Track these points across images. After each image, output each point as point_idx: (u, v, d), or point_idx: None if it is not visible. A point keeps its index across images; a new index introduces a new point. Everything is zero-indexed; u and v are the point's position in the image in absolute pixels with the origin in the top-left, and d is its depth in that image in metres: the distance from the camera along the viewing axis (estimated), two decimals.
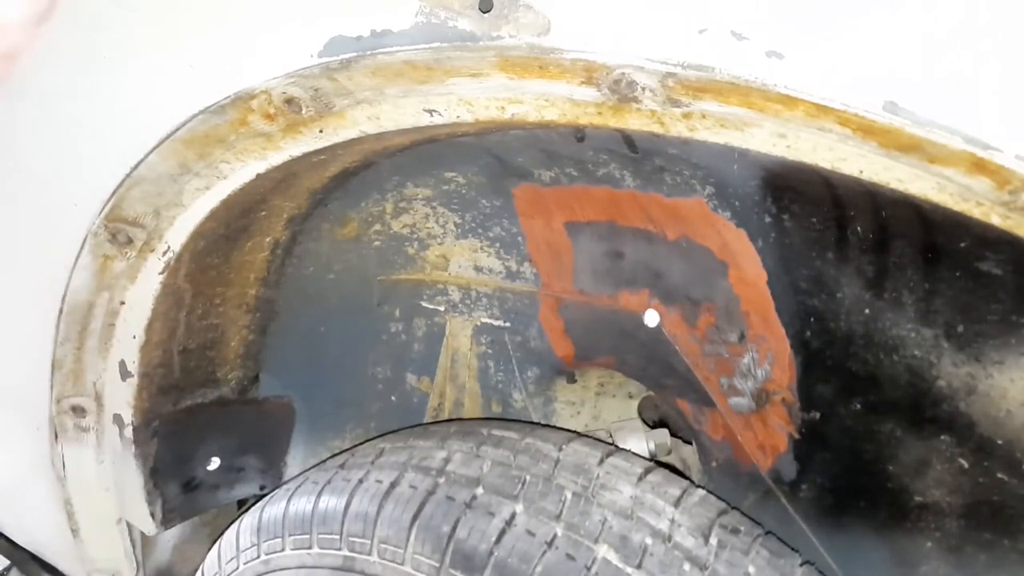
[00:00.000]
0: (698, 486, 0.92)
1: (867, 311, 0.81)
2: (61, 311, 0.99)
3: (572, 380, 1.25)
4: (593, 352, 1.15)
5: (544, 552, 0.80)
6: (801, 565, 0.87)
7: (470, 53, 0.67)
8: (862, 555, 0.89)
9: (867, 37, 0.56)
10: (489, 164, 1.01)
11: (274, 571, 0.95)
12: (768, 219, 0.85)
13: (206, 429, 1.15)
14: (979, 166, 0.56)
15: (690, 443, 1.22)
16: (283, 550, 0.94)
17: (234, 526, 1.03)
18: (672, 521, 0.85)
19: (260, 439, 1.23)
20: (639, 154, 0.88)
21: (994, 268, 0.69)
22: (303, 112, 0.77)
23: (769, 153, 0.65)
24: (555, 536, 0.82)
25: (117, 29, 0.80)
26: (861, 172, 0.62)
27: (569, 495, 0.86)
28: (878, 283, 0.79)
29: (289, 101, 0.76)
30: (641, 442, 1.18)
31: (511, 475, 0.89)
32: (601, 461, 0.92)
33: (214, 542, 1.07)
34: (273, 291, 1.13)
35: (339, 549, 0.89)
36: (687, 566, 0.81)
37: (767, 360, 0.93)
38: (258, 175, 0.86)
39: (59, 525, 1.21)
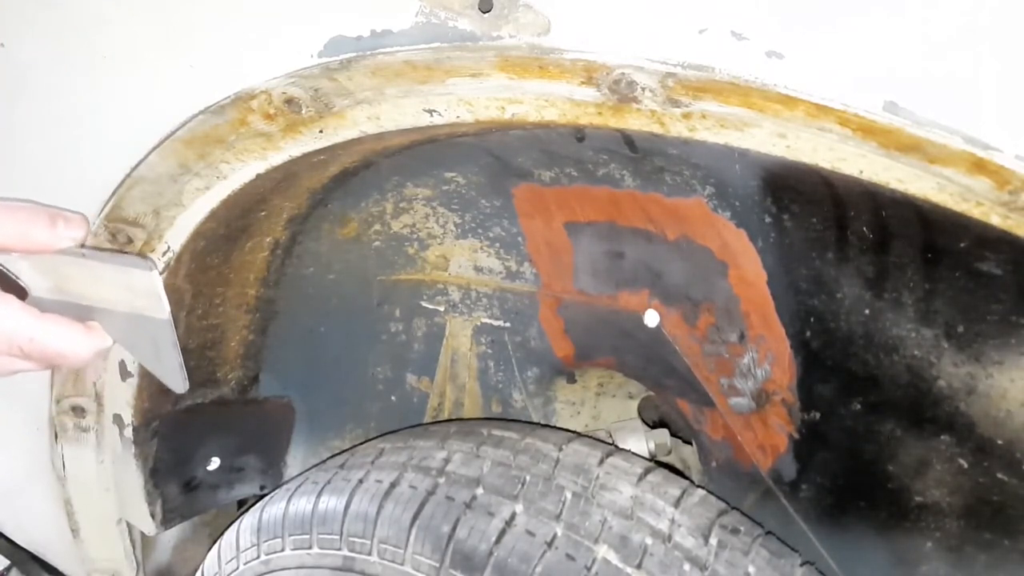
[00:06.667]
0: (698, 486, 0.92)
1: (867, 311, 0.81)
2: None
3: (572, 380, 1.25)
4: (593, 352, 1.15)
5: (544, 552, 0.80)
6: (801, 565, 0.87)
7: (470, 53, 0.67)
8: (862, 555, 0.89)
9: (867, 37, 0.56)
10: (489, 164, 1.01)
11: (274, 571, 0.95)
12: (768, 219, 0.85)
13: (206, 429, 1.15)
14: (979, 166, 0.56)
15: (690, 443, 1.22)
16: (283, 550, 0.94)
17: (234, 526, 1.03)
18: (672, 521, 0.85)
19: (260, 439, 1.23)
20: (639, 154, 0.88)
21: (994, 268, 0.69)
22: (303, 112, 0.77)
23: (769, 153, 0.65)
24: (555, 536, 0.82)
25: (117, 29, 0.80)
26: (861, 172, 0.62)
27: (569, 495, 0.86)
28: (878, 283, 0.79)
29: (289, 101, 0.76)
30: (641, 442, 1.18)
31: (511, 475, 0.89)
32: (601, 461, 0.92)
33: (214, 542, 1.07)
34: (273, 291, 1.13)
35: (339, 549, 0.89)
36: (687, 566, 0.81)
37: (767, 360, 0.93)
38: (258, 175, 0.86)
39: (59, 525, 1.21)
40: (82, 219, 0.73)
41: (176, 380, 0.75)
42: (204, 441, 1.15)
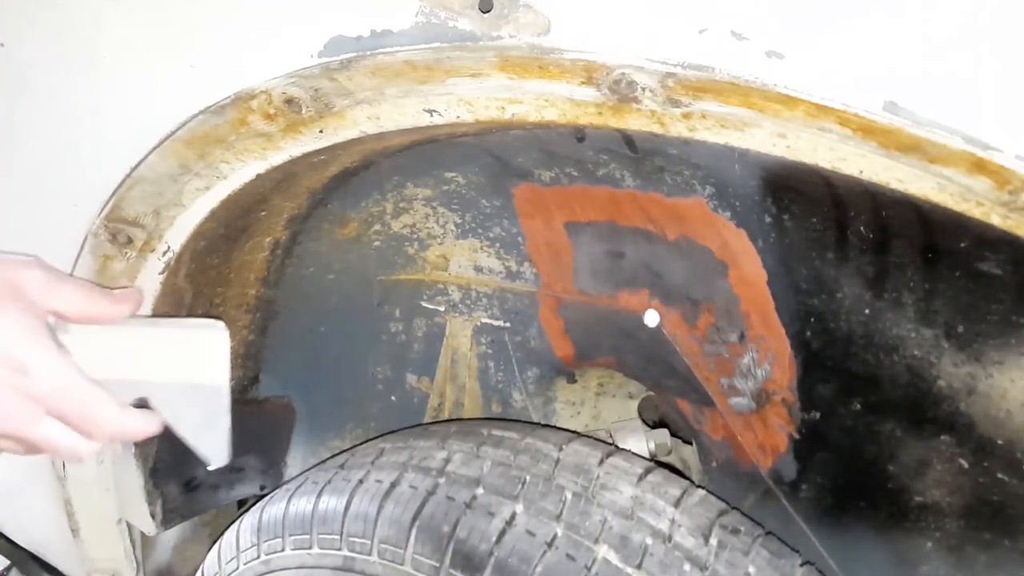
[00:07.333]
0: (698, 486, 0.92)
1: (867, 311, 0.81)
2: None
3: (572, 380, 1.25)
4: (593, 352, 1.15)
5: (544, 552, 0.80)
6: (801, 565, 0.87)
7: (470, 53, 0.67)
8: (862, 555, 0.89)
9: (867, 37, 0.56)
10: (489, 164, 1.01)
11: (274, 571, 0.95)
12: (768, 219, 0.85)
13: None
14: (979, 166, 0.56)
15: (690, 443, 1.22)
16: (283, 550, 0.94)
17: (234, 526, 1.03)
18: (672, 521, 0.85)
19: (260, 439, 1.23)
20: (639, 154, 0.88)
21: (994, 268, 0.69)
22: (303, 112, 0.77)
23: (769, 153, 0.65)
24: (555, 536, 0.82)
25: (117, 29, 0.80)
26: (861, 172, 0.62)
27: (569, 495, 0.86)
28: (878, 283, 0.79)
29: (289, 101, 0.76)
30: (641, 442, 1.18)
31: (511, 475, 0.89)
32: (601, 461, 0.92)
33: (214, 542, 1.07)
34: (273, 291, 1.13)
35: (339, 549, 0.89)
36: (687, 566, 0.81)
37: (767, 360, 0.93)
38: (258, 175, 0.86)
39: (59, 525, 1.21)
40: (136, 290, 0.72)
41: (221, 452, 0.73)
42: None
